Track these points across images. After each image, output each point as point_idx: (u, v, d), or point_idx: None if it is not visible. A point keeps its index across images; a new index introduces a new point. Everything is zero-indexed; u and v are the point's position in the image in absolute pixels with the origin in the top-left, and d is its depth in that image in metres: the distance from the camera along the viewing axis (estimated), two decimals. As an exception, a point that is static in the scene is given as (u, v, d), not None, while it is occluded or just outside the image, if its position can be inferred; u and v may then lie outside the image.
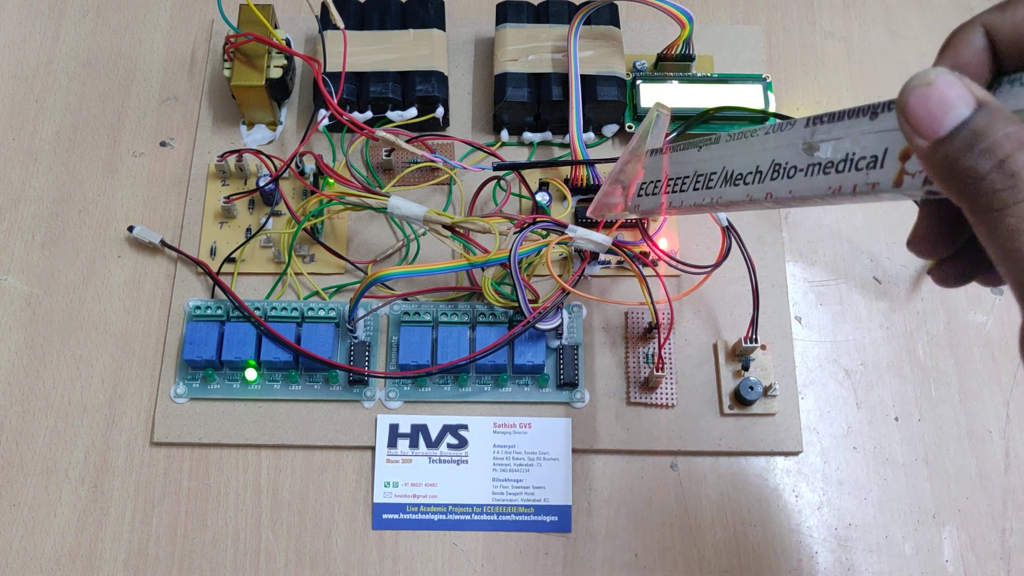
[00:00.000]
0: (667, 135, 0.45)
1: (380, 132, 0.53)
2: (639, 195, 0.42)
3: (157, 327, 0.53)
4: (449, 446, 0.51)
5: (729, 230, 0.51)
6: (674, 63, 0.59)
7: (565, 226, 0.49)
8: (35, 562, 0.48)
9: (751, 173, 0.34)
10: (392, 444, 0.50)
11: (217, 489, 0.50)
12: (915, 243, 0.31)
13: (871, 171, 0.28)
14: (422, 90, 0.56)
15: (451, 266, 0.50)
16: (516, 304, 0.50)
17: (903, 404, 0.52)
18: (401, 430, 0.51)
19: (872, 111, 0.29)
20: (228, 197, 0.55)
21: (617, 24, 0.59)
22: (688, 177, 0.38)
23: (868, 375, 0.53)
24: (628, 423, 0.51)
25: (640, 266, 0.50)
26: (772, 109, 0.57)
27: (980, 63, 0.27)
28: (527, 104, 0.56)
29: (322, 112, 0.56)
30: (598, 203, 0.45)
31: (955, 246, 0.31)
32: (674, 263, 0.52)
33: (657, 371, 0.50)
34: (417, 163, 0.56)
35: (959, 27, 0.27)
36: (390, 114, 0.56)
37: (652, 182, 0.41)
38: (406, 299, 0.53)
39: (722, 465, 0.51)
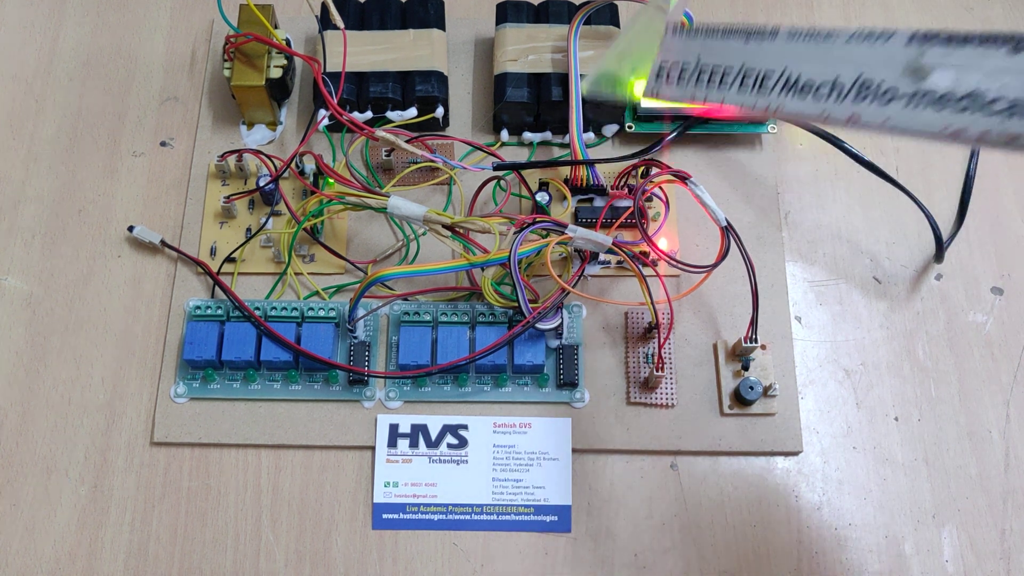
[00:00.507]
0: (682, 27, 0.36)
1: (380, 132, 0.53)
2: (657, 78, 0.35)
3: (157, 327, 0.53)
4: (449, 446, 0.51)
5: (728, 230, 0.51)
6: (674, 63, 0.59)
7: (565, 226, 0.49)
8: (35, 562, 0.48)
9: (827, 84, 0.28)
10: (392, 444, 0.51)
11: (217, 489, 0.50)
12: None
13: (1011, 119, 0.23)
14: (422, 90, 0.56)
15: (451, 266, 0.50)
16: (516, 304, 0.50)
17: (903, 404, 0.52)
18: (401, 430, 0.51)
19: (1015, 43, 0.23)
20: (228, 197, 0.55)
21: (617, 24, 0.59)
22: (733, 70, 0.32)
23: (868, 375, 0.53)
24: (628, 423, 0.51)
25: (640, 266, 0.50)
26: (772, 109, 0.57)
27: None
28: (527, 104, 0.56)
29: (322, 112, 0.56)
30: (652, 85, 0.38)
31: None
32: (674, 263, 0.52)
33: (657, 371, 0.50)
34: (417, 163, 0.56)
35: None
36: (390, 114, 0.56)
37: (677, 65, 0.34)
38: (406, 299, 0.53)
39: (722, 465, 0.51)
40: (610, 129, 0.58)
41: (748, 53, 0.32)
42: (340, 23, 0.56)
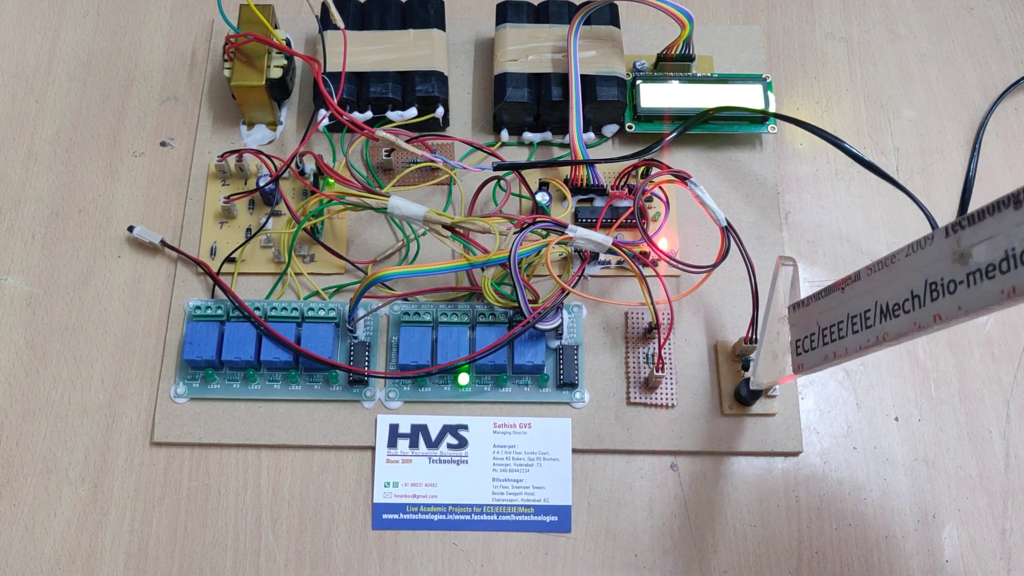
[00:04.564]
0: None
1: (380, 132, 0.53)
2: (798, 354, 0.40)
3: (157, 327, 0.53)
4: (449, 446, 0.51)
5: (728, 230, 0.51)
6: (674, 63, 0.59)
7: (565, 226, 0.49)
8: (35, 562, 0.48)
9: (908, 300, 0.32)
10: (392, 444, 0.51)
11: (217, 489, 0.50)
12: None
13: None
14: (422, 90, 0.56)
15: (451, 266, 0.50)
16: (516, 304, 0.50)
17: (903, 404, 0.52)
18: (401, 430, 0.51)
19: (1015, 201, 0.27)
20: (228, 197, 0.55)
21: (617, 24, 0.59)
22: (842, 322, 0.36)
23: (868, 375, 0.53)
24: (628, 423, 0.51)
25: (640, 266, 0.50)
26: (772, 109, 0.57)
27: None
28: (527, 104, 0.56)
29: (322, 112, 0.56)
30: (762, 375, 0.44)
31: None
32: (674, 263, 0.52)
33: (657, 371, 0.50)
34: (417, 163, 0.56)
35: None
36: (390, 114, 0.56)
37: (807, 336, 0.39)
38: (406, 299, 0.53)
39: (722, 465, 0.51)
40: (610, 129, 0.58)
41: (847, 300, 0.36)
42: (340, 23, 0.56)
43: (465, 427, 0.51)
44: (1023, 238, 0.27)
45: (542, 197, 0.54)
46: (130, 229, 0.55)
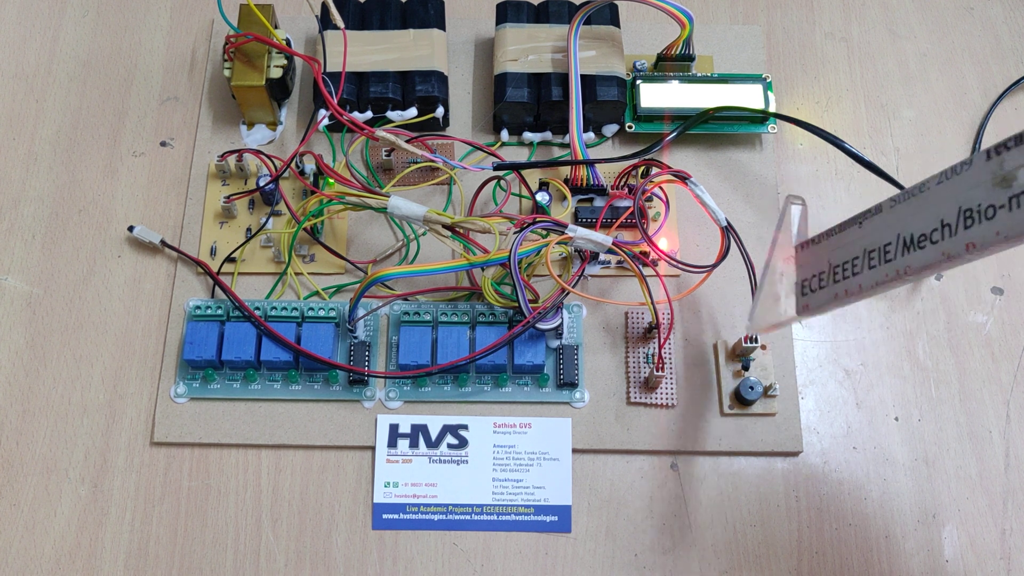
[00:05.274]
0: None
1: (380, 132, 0.53)
2: (803, 294, 0.38)
3: (157, 327, 0.53)
4: (449, 446, 0.51)
5: (728, 230, 0.51)
6: (674, 63, 0.59)
7: (565, 226, 0.49)
8: (35, 562, 0.48)
9: (936, 230, 0.30)
10: (392, 444, 0.51)
11: (217, 489, 0.50)
12: None
13: None
14: (422, 90, 0.56)
15: (451, 266, 0.50)
16: (516, 304, 0.50)
17: (903, 404, 0.52)
18: (401, 430, 0.51)
19: None
20: (228, 197, 0.55)
21: (617, 24, 0.59)
22: (857, 258, 0.35)
23: (868, 375, 0.53)
24: (628, 423, 0.51)
25: (640, 266, 0.50)
26: (772, 109, 0.57)
27: None
28: (527, 104, 0.56)
29: (322, 112, 0.56)
30: (759, 318, 0.41)
31: None
32: (674, 263, 0.52)
33: (657, 371, 0.50)
34: (417, 163, 0.56)
35: None
36: (390, 114, 0.56)
37: (815, 276, 0.37)
38: (406, 299, 0.53)
39: (722, 465, 0.51)
40: (610, 129, 0.58)
41: (865, 235, 0.35)
42: (340, 23, 0.56)
43: (465, 427, 0.51)
44: None
45: (542, 197, 0.54)
46: (130, 229, 0.55)
